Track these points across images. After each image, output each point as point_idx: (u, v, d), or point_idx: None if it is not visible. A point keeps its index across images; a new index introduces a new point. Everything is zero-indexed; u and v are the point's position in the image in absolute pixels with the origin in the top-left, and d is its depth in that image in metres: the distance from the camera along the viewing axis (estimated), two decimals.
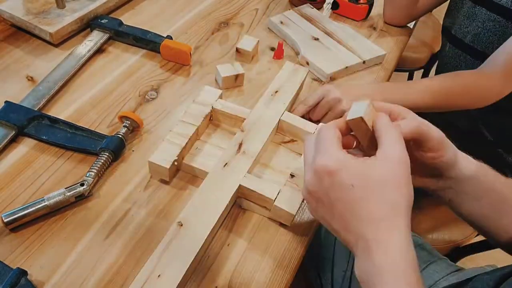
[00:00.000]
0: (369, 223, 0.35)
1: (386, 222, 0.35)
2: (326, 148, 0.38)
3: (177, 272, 0.44)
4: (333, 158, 0.37)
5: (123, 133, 0.59)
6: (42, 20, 0.73)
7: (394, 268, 0.34)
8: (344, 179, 0.36)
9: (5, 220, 0.49)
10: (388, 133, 0.38)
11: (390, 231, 0.35)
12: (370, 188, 0.36)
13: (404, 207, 0.36)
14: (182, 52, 0.72)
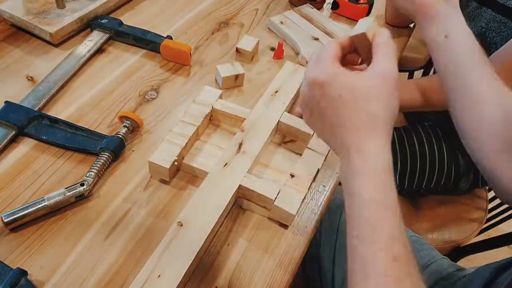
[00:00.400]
0: (351, 131, 0.39)
1: (364, 131, 0.38)
2: (321, 62, 0.41)
3: (177, 272, 0.44)
4: (325, 71, 0.40)
5: (123, 133, 0.59)
6: (42, 20, 0.73)
7: (367, 171, 0.38)
8: (332, 90, 0.39)
9: (5, 220, 0.49)
10: (382, 49, 0.40)
11: (367, 139, 0.38)
12: (354, 98, 0.39)
13: (383, 119, 0.39)
14: (182, 52, 0.72)
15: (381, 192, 0.38)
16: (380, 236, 0.36)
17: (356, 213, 0.38)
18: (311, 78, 0.40)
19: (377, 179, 0.38)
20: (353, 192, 0.38)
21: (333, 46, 0.42)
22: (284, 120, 0.61)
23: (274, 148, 0.62)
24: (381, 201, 0.37)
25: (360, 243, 0.36)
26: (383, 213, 0.37)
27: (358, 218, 0.37)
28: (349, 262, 0.37)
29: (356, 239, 0.37)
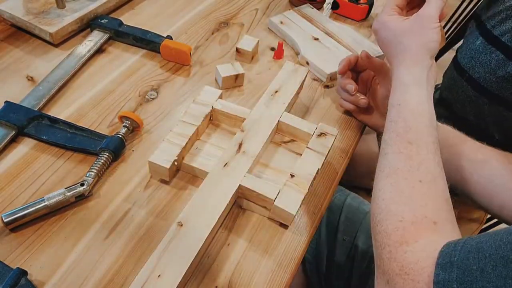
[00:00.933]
0: (396, 57, 0.52)
1: (409, 58, 0.51)
2: (382, 11, 0.55)
3: (177, 272, 0.44)
4: (379, 20, 0.55)
5: (123, 133, 0.59)
6: (42, 20, 0.73)
7: (405, 81, 0.50)
8: (382, 34, 0.55)
9: (5, 220, 0.49)
10: (431, 1, 0.51)
11: (411, 63, 0.50)
12: (394, 37, 0.53)
13: (425, 49, 0.50)
14: (182, 52, 0.72)
15: (424, 96, 0.48)
16: (412, 132, 0.45)
17: (400, 112, 0.48)
18: (378, 20, 0.55)
19: (414, 87, 0.49)
20: (397, 100, 0.49)
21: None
22: (284, 120, 0.61)
23: (274, 148, 0.62)
24: (424, 102, 0.48)
25: (391, 135, 0.47)
26: (419, 115, 0.47)
27: (404, 105, 0.48)
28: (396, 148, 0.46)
29: (393, 122, 0.48)
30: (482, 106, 0.86)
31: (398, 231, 0.39)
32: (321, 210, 0.56)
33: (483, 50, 0.84)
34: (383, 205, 0.42)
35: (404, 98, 0.48)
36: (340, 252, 0.73)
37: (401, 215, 0.40)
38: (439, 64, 1.60)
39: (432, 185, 0.42)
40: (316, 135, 0.60)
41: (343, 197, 0.79)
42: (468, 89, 0.89)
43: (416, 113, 0.47)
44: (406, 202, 0.41)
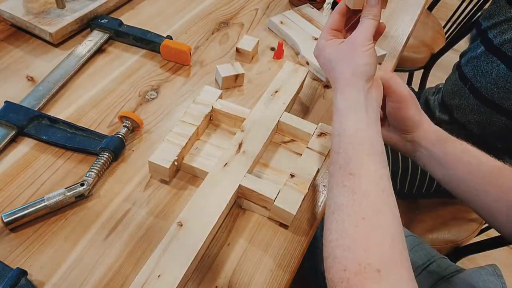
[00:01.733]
0: (339, 78, 0.49)
1: (344, 80, 0.48)
2: (323, 31, 0.53)
3: (177, 272, 0.44)
4: (320, 42, 0.53)
5: (123, 133, 0.59)
6: (42, 20, 0.73)
7: (340, 105, 0.47)
8: (324, 56, 0.52)
9: (5, 220, 0.49)
10: (364, 23, 0.49)
11: (345, 85, 0.48)
12: (329, 63, 0.51)
13: (357, 73, 0.48)
14: (182, 52, 0.72)
15: (363, 124, 0.46)
16: (352, 165, 0.43)
17: (341, 139, 0.45)
18: (317, 45, 0.53)
19: (353, 115, 0.46)
20: (336, 129, 0.47)
21: (333, 17, 0.53)
22: (284, 120, 0.61)
23: (274, 148, 0.62)
24: (355, 130, 0.46)
25: (346, 154, 0.44)
26: (364, 134, 0.45)
27: (343, 134, 0.46)
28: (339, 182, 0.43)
29: (336, 154, 0.45)
30: (484, 115, 0.86)
31: (343, 283, 0.37)
32: (321, 210, 0.56)
33: (485, 59, 0.84)
34: (330, 249, 0.40)
35: (342, 127, 0.46)
36: None
37: (345, 264, 0.37)
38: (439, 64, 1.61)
39: (376, 220, 0.39)
40: (316, 135, 0.60)
41: None
42: (470, 97, 0.88)
43: (355, 142, 0.44)
44: (349, 246, 0.38)
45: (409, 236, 0.72)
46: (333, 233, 0.40)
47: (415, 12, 0.97)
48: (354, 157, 0.43)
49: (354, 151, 0.43)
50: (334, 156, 0.45)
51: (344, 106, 0.47)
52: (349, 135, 0.45)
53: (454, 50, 1.47)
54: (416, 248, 0.69)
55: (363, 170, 0.42)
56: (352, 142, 0.44)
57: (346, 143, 0.44)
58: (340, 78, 0.48)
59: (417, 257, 0.68)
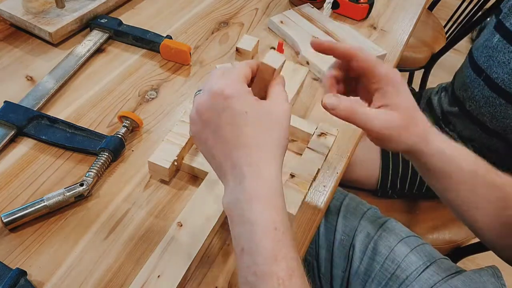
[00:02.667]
0: (251, 150, 0.37)
1: (265, 153, 0.37)
2: (230, 76, 0.39)
3: (177, 272, 0.44)
4: (233, 86, 0.38)
5: (122, 133, 0.59)
6: (41, 20, 0.73)
7: (263, 193, 0.36)
8: (239, 105, 0.38)
9: (5, 220, 0.48)
10: (279, 89, 0.41)
11: (266, 161, 0.37)
12: (260, 119, 0.38)
13: (281, 146, 0.39)
14: (182, 51, 0.72)
15: (279, 218, 0.36)
16: (280, 270, 0.34)
17: (254, 243, 0.35)
18: (218, 89, 0.38)
19: (273, 203, 0.36)
20: (248, 219, 0.35)
21: (244, 67, 0.41)
22: None
23: None
24: (279, 227, 0.35)
25: (259, 280, 0.34)
26: (282, 242, 0.35)
27: (256, 250, 0.34)
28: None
29: (254, 276, 0.34)
30: (498, 107, 0.84)
31: None
32: (321, 210, 0.56)
33: (501, 49, 0.82)
34: None
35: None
36: (339, 252, 0.73)
37: None
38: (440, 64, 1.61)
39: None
40: (316, 135, 0.60)
41: (341, 197, 0.79)
42: (485, 89, 0.86)
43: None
44: None
45: (411, 236, 0.72)
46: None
47: (416, 12, 0.96)
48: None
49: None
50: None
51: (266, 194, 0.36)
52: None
53: (455, 50, 1.47)
54: (417, 249, 0.69)
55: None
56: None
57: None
58: (274, 145, 0.38)
59: (417, 257, 0.68)
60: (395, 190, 0.96)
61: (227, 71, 0.41)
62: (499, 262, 0.57)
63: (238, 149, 0.37)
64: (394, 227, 0.73)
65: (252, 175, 0.36)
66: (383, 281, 0.68)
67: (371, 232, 0.72)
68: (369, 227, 0.73)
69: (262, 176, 0.37)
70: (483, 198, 0.48)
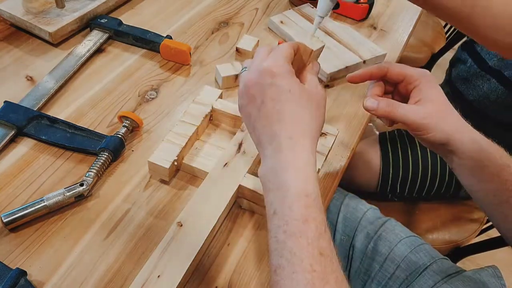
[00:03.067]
0: (290, 125, 0.40)
1: (302, 128, 0.40)
2: (277, 57, 0.42)
3: (177, 272, 0.44)
4: (279, 64, 0.42)
5: (122, 133, 0.59)
6: (41, 20, 0.73)
7: (297, 163, 0.39)
8: (284, 83, 0.41)
9: (5, 220, 0.48)
10: (314, 78, 0.45)
11: (302, 136, 0.40)
12: (301, 98, 0.41)
13: (317, 125, 0.42)
14: (182, 51, 0.72)
15: (311, 186, 0.38)
16: (309, 230, 0.36)
17: (286, 206, 0.37)
18: (267, 67, 0.41)
19: (307, 173, 0.39)
20: (282, 185, 0.38)
21: (288, 48, 0.44)
22: None
23: None
24: (311, 194, 0.38)
25: (289, 238, 0.36)
26: (313, 208, 0.37)
27: (288, 212, 0.37)
28: (274, 257, 0.36)
29: (283, 234, 0.36)
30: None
31: None
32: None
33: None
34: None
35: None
36: (339, 252, 0.73)
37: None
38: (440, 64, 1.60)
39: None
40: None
41: (341, 197, 0.79)
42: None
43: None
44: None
45: (411, 236, 0.72)
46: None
47: (416, 12, 0.96)
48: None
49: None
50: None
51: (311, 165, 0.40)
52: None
53: (455, 50, 1.47)
54: (417, 249, 0.69)
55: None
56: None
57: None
58: (310, 123, 0.41)
59: (417, 257, 0.68)
60: (395, 194, 0.96)
61: (274, 50, 0.44)
62: (499, 262, 0.57)
63: (279, 123, 0.40)
64: (394, 227, 0.73)
65: (288, 147, 0.39)
66: (383, 281, 0.68)
67: (371, 232, 0.72)
68: (369, 227, 0.73)
69: (297, 148, 0.39)
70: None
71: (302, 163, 0.39)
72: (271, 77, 0.41)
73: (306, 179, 0.38)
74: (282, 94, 0.40)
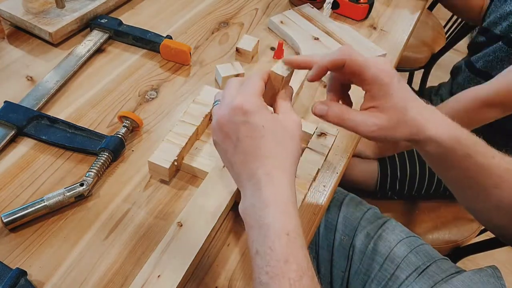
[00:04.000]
0: (267, 161, 0.40)
1: (280, 163, 0.41)
2: (249, 92, 0.43)
3: (177, 272, 0.44)
4: (251, 101, 0.42)
5: (122, 133, 0.59)
6: (41, 20, 0.73)
7: (277, 200, 0.39)
8: (257, 120, 0.41)
9: (5, 220, 0.48)
10: (286, 102, 0.46)
11: (280, 171, 0.40)
12: (276, 132, 0.41)
13: (294, 157, 0.42)
14: (182, 52, 0.72)
15: (291, 224, 0.38)
16: (291, 271, 0.36)
17: (267, 246, 0.37)
18: (237, 104, 0.41)
19: (287, 210, 0.39)
20: (263, 224, 0.38)
21: (258, 81, 0.44)
22: None
23: None
24: (291, 232, 0.38)
25: (271, 280, 0.36)
26: (293, 246, 0.37)
27: (269, 252, 0.37)
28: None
29: (266, 275, 0.36)
30: None
31: None
32: (321, 210, 0.56)
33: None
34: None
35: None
36: (339, 252, 0.73)
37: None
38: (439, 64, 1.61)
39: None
40: (316, 135, 0.60)
41: (341, 197, 0.79)
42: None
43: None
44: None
45: (410, 236, 0.72)
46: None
47: (416, 12, 0.96)
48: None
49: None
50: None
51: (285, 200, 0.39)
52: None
53: (455, 50, 1.47)
54: (417, 249, 0.69)
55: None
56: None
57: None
58: (288, 157, 0.41)
59: (417, 258, 0.68)
60: (394, 192, 0.96)
61: (244, 84, 0.44)
62: (499, 262, 0.57)
63: (256, 160, 0.40)
64: (394, 228, 0.73)
65: (267, 184, 0.39)
66: (383, 281, 0.68)
67: (371, 232, 0.72)
68: (369, 227, 0.73)
69: (276, 184, 0.39)
70: (477, 180, 0.49)
71: (281, 200, 0.39)
72: (243, 114, 0.41)
73: (286, 216, 0.38)
74: (256, 130, 0.41)
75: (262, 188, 0.39)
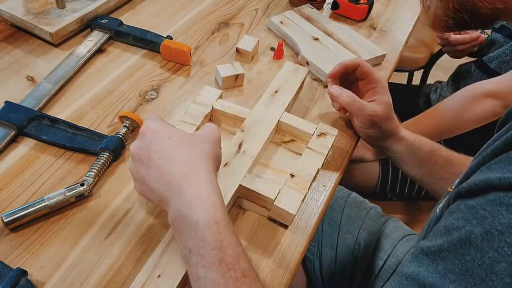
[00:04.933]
0: (181, 165, 0.42)
1: (194, 164, 0.42)
2: (152, 117, 0.46)
3: (177, 272, 0.44)
4: (156, 120, 0.45)
5: (123, 133, 0.59)
6: (42, 20, 0.73)
7: (199, 195, 0.40)
8: (162, 134, 0.44)
9: (5, 220, 0.49)
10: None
11: (197, 170, 0.42)
12: (182, 140, 0.44)
13: (208, 156, 0.44)
14: (182, 52, 0.72)
15: (219, 213, 0.39)
16: (227, 256, 0.37)
17: (200, 239, 0.38)
18: (144, 128, 0.45)
19: (212, 201, 0.40)
20: (191, 222, 0.39)
21: (158, 117, 0.48)
22: (284, 120, 0.61)
23: (274, 148, 0.62)
24: (221, 220, 0.39)
25: (209, 270, 0.37)
26: (226, 231, 0.38)
27: (202, 244, 0.38)
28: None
29: (203, 268, 0.37)
30: None
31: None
32: (321, 210, 0.56)
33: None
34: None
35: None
36: (343, 251, 0.73)
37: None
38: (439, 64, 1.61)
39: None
40: (316, 135, 0.60)
41: (345, 196, 0.79)
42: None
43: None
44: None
45: (413, 234, 0.72)
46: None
47: (415, 12, 0.97)
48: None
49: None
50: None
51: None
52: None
53: None
54: None
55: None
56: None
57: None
58: (202, 156, 0.44)
59: None
60: (395, 193, 0.96)
61: (149, 117, 0.47)
62: None
63: (170, 167, 0.42)
64: (397, 225, 0.74)
65: (186, 184, 0.40)
66: (386, 278, 0.68)
67: (374, 230, 0.73)
68: (373, 225, 0.73)
69: (195, 182, 0.41)
70: (443, 171, 0.61)
71: (204, 193, 0.40)
72: (151, 133, 0.44)
73: (212, 207, 0.39)
74: (163, 143, 0.43)
75: (183, 190, 0.40)
